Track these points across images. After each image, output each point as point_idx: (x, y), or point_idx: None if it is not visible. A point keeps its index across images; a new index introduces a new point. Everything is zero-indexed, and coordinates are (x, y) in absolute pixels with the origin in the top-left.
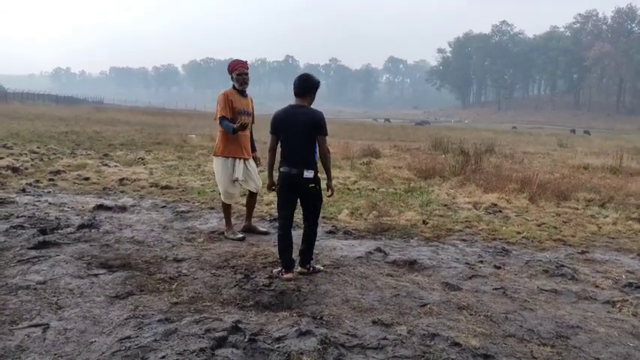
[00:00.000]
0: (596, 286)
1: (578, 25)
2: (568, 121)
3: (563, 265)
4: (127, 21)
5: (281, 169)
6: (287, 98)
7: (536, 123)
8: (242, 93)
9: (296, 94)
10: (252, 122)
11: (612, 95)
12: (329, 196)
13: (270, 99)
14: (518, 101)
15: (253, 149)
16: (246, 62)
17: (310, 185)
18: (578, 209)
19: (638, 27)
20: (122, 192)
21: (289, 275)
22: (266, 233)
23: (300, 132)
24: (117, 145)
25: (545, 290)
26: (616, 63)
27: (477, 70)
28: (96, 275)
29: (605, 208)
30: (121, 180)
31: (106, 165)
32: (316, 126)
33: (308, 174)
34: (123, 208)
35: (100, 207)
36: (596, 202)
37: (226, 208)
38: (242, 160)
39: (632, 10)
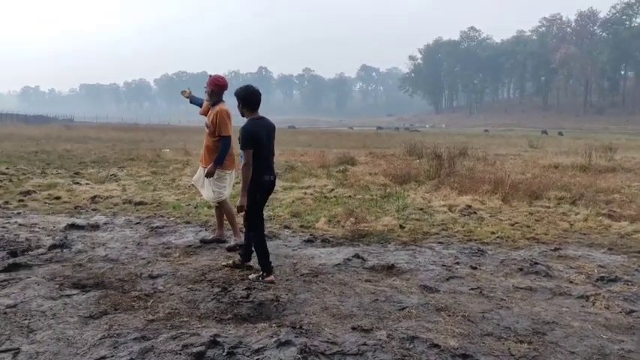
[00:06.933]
0: (570, 282)
1: (543, 28)
2: (537, 123)
3: (537, 263)
4: (96, 37)
5: (265, 177)
6: (261, 110)
7: (506, 125)
8: (212, 105)
9: (255, 109)
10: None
11: (579, 96)
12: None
13: None
14: (489, 105)
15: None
16: (210, 76)
17: None
18: (549, 207)
19: (599, 29)
20: (94, 210)
21: (272, 277)
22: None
23: (273, 140)
24: (88, 163)
25: (521, 288)
26: (581, 64)
27: (448, 76)
28: (69, 296)
29: (575, 205)
30: (93, 198)
31: (78, 183)
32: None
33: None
34: (95, 227)
35: (72, 226)
36: (567, 199)
37: (232, 217)
38: (200, 169)
39: (593, 13)
